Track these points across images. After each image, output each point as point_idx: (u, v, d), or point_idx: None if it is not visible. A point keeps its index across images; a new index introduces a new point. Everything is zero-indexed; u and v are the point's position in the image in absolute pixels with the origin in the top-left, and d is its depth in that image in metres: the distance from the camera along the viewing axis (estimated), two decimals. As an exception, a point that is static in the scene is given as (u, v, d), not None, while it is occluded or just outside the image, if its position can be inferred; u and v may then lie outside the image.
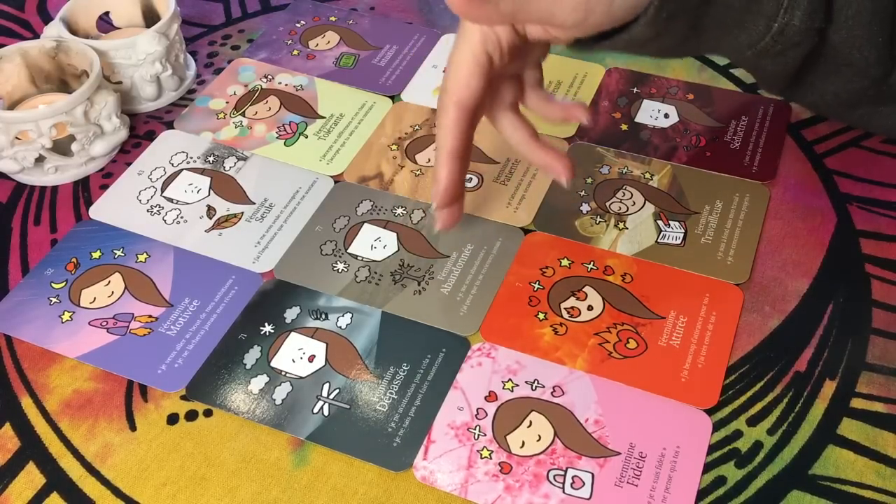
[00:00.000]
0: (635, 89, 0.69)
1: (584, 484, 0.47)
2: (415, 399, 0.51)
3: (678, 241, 0.59)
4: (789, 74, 0.49)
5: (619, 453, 0.49)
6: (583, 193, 0.62)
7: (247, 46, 0.75)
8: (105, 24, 0.73)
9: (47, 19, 0.79)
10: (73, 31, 0.69)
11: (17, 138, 0.62)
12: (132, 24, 0.74)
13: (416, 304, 0.56)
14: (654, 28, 0.45)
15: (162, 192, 0.63)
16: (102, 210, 0.63)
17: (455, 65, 0.50)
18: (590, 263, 0.58)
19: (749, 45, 0.47)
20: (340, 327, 0.55)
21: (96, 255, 0.60)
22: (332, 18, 0.78)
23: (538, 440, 0.49)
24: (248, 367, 0.53)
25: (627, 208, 0.61)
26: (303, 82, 0.71)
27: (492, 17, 0.47)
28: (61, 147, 0.64)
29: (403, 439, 0.49)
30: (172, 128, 0.69)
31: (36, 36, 0.77)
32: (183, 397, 0.52)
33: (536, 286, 0.56)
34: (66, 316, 0.56)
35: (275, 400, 0.51)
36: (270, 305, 0.56)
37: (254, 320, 0.55)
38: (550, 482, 0.48)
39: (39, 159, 0.64)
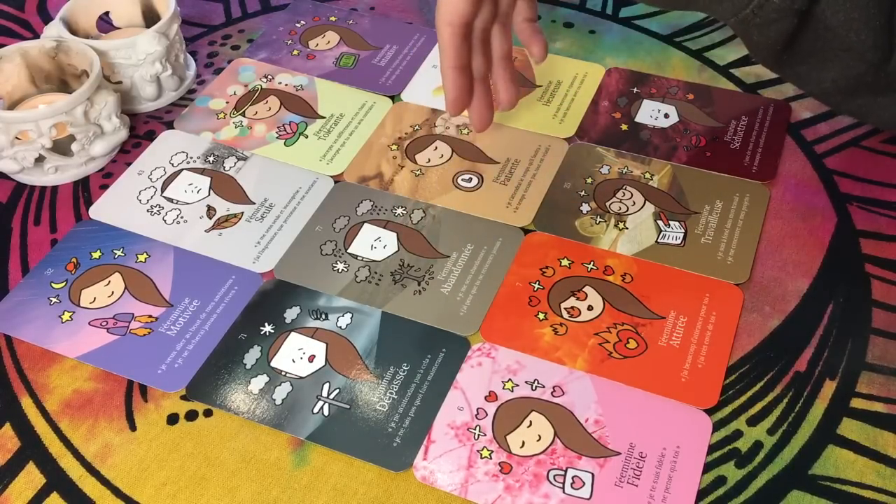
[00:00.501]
0: (635, 89, 0.69)
1: (584, 484, 0.47)
2: (415, 399, 0.51)
3: (678, 241, 0.59)
4: (775, 48, 0.51)
5: (619, 453, 0.49)
6: (583, 193, 0.62)
7: (247, 46, 0.75)
8: (105, 24, 0.73)
9: (47, 19, 0.79)
10: (73, 31, 0.69)
11: (17, 138, 0.62)
12: (132, 24, 0.74)
13: (416, 304, 0.56)
14: None
15: (162, 192, 0.63)
16: (102, 210, 0.63)
17: None
18: (590, 263, 0.58)
19: (732, 13, 0.49)
20: (340, 327, 0.55)
21: (96, 255, 0.60)
22: (332, 18, 0.78)
23: (538, 440, 0.49)
24: (248, 367, 0.53)
25: (627, 208, 0.61)
26: (303, 82, 0.71)
27: None
28: (61, 147, 0.64)
29: (403, 439, 0.49)
30: (172, 128, 0.69)
31: (36, 36, 0.77)
32: (183, 397, 0.52)
33: (536, 286, 0.56)
34: (66, 316, 0.56)
35: (275, 400, 0.51)
36: (270, 305, 0.56)
37: (254, 320, 0.55)
38: (550, 482, 0.48)
39: (39, 159, 0.64)
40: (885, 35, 0.48)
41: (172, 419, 0.51)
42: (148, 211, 0.62)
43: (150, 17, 0.73)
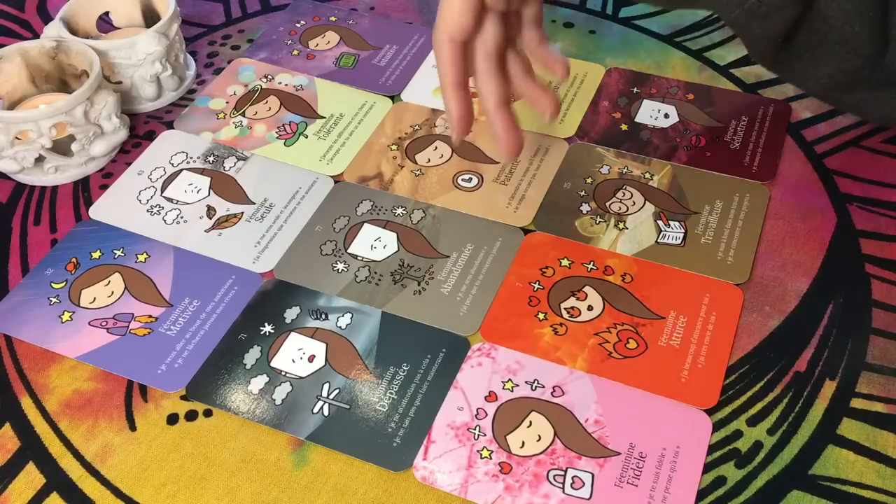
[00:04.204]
0: (635, 89, 0.69)
1: (584, 484, 0.47)
2: (415, 399, 0.51)
3: (678, 241, 0.59)
4: (776, 41, 0.50)
5: (619, 453, 0.49)
6: (583, 193, 0.62)
7: (247, 46, 0.75)
8: (105, 24, 0.73)
9: (47, 19, 0.79)
10: (73, 31, 0.69)
11: (17, 138, 0.62)
12: (132, 24, 0.74)
13: (416, 304, 0.56)
14: None
15: (162, 192, 0.63)
16: (102, 210, 0.63)
17: (448, 1, 0.52)
18: (590, 263, 0.58)
19: (738, 4, 0.48)
20: (340, 327, 0.55)
21: (96, 255, 0.60)
22: (332, 18, 0.78)
23: (538, 440, 0.49)
24: (248, 367, 0.53)
25: (627, 208, 0.61)
26: (303, 82, 0.71)
27: None
28: (61, 147, 0.64)
29: (403, 439, 0.49)
30: (172, 128, 0.69)
31: (36, 36, 0.76)
32: (183, 397, 0.52)
33: (536, 286, 0.56)
34: (66, 316, 0.56)
35: (275, 400, 0.51)
36: (270, 305, 0.56)
37: (254, 320, 0.55)
38: (550, 482, 0.48)
39: (39, 159, 0.64)
40: (879, 28, 0.48)
41: (172, 419, 0.51)
42: (148, 211, 0.62)
43: (150, 17, 0.73)
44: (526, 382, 0.52)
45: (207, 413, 0.51)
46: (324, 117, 0.68)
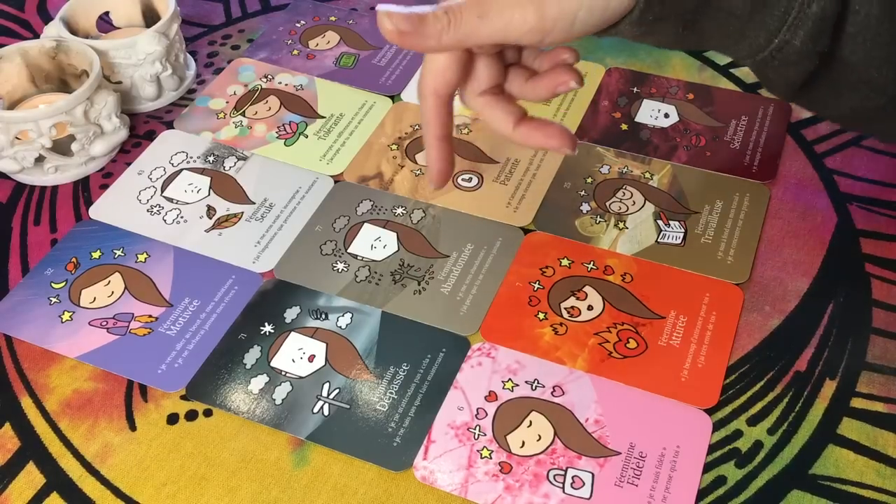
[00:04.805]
0: (635, 89, 0.69)
1: (584, 484, 0.47)
2: (415, 399, 0.51)
3: (678, 241, 0.59)
4: (792, 87, 0.47)
5: (619, 453, 0.49)
6: (583, 193, 0.62)
7: (247, 46, 0.75)
8: (105, 24, 0.73)
9: (47, 19, 0.79)
10: (73, 31, 0.69)
11: (17, 138, 0.62)
12: (132, 24, 0.74)
13: (416, 303, 0.56)
14: (641, 29, 0.44)
15: (162, 192, 0.63)
16: (102, 210, 0.63)
17: (431, 55, 0.48)
18: (590, 263, 0.58)
19: (748, 55, 0.46)
20: (340, 327, 0.55)
21: (96, 254, 0.60)
22: (332, 18, 0.78)
23: (538, 440, 0.49)
24: (248, 366, 0.53)
25: (627, 208, 0.61)
26: (303, 82, 0.71)
27: (436, 48, 0.45)
28: (61, 147, 0.64)
29: (403, 439, 0.49)
30: (172, 128, 0.69)
31: (36, 36, 0.76)
32: (183, 397, 0.52)
33: (536, 286, 0.56)
34: (66, 316, 0.56)
35: (275, 400, 0.51)
36: (270, 305, 0.56)
37: (254, 320, 0.55)
38: (550, 482, 0.48)
39: (39, 159, 0.64)
40: None
41: (172, 419, 0.51)
42: (148, 211, 0.62)
43: (150, 17, 0.73)
44: (526, 382, 0.52)
45: (207, 413, 0.51)
46: (324, 117, 0.68)
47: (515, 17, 0.43)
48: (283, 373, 0.53)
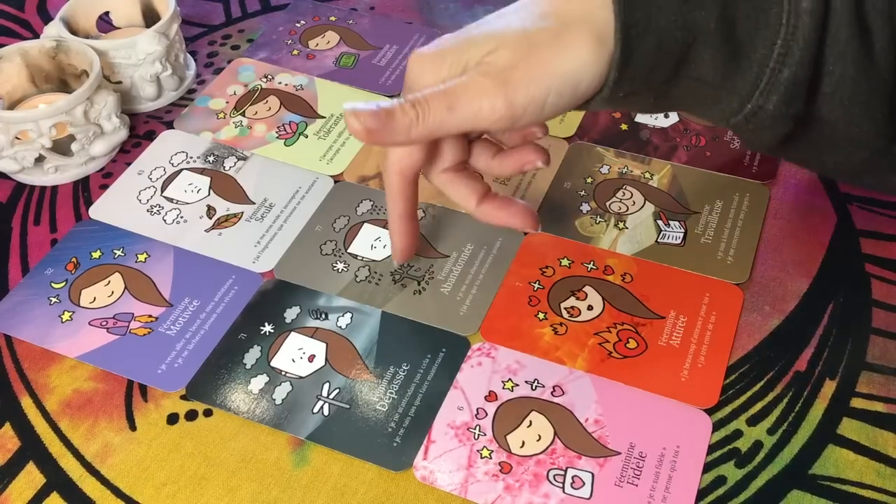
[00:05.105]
0: (635, 89, 0.69)
1: (584, 484, 0.47)
2: (415, 399, 0.51)
3: (678, 241, 0.59)
4: (769, 147, 0.46)
5: (619, 453, 0.49)
6: (583, 193, 0.62)
7: (247, 46, 0.75)
8: (105, 24, 0.73)
9: (47, 19, 0.79)
10: (73, 31, 0.69)
11: (17, 138, 0.62)
12: (132, 24, 0.74)
13: (416, 304, 0.56)
14: (613, 104, 0.44)
15: (162, 191, 0.63)
16: (102, 210, 0.63)
17: None
18: (590, 263, 0.58)
19: (722, 119, 0.45)
20: (340, 327, 0.55)
21: (96, 254, 0.60)
22: (332, 18, 0.78)
23: (538, 440, 0.49)
24: (248, 366, 0.53)
25: (627, 208, 0.61)
26: (303, 82, 0.71)
27: (405, 142, 0.45)
28: (61, 147, 0.64)
29: (403, 439, 0.49)
30: (172, 128, 0.69)
31: (36, 36, 0.76)
32: (183, 397, 0.52)
33: (536, 286, 0.56)
34: (66, 316, 0.56)
35: (275, 400, 0.51)
36: (270, 305, 0.56)
37: (254, 320, 0.55)
38: (550, 482, 0.48)
39: (39, 159, 0.64)
40: (889, 123, 0.44)
41: (172, 419, 0.51)
42: (148, 211, 0.62)
43: (150, 17, 0.73)
44: (526, 382, 0.52)
45: (207, 413, 0.51)
46: (324, 117, 0.69)
47: (484, 106, 0.43)
48: (283, 373, 0.53)
